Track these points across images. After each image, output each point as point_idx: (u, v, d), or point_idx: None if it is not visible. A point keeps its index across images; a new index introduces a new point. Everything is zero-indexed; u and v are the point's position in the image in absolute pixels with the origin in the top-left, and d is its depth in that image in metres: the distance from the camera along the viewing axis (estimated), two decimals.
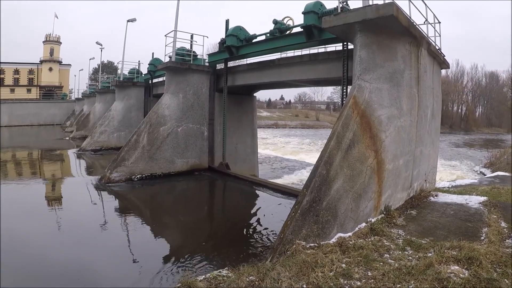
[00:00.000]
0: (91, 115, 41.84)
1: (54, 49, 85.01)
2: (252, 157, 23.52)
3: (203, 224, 12.45)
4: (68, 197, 15.36)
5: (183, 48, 20.54)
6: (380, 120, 9.49)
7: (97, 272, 7.92)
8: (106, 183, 16.46)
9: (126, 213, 13.12)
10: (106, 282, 7.31)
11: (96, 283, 7.23)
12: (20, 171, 21.52)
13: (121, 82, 32.47)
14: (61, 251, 9.01)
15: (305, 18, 13.51)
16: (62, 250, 9.05)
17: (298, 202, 7.82)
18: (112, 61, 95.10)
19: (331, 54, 14.90)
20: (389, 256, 6.87)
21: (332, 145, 8.37)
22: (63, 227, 11.05)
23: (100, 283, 7.26)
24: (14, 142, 39.98)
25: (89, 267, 8.15)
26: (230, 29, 17.71)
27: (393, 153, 9.85)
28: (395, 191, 10.27)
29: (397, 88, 10.08)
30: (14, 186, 16.63)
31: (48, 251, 9.00)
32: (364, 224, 8.70)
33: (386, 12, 8.71)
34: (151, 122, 18.19)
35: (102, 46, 46.78)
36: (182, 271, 7.71)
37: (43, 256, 8.61)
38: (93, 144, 29.46)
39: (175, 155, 18.77)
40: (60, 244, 9.49)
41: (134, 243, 9.98)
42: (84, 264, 8.29)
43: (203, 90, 20.14)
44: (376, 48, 9.84)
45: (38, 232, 10.27)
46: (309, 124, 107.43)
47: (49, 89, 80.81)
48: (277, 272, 6.10)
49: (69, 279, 7.44)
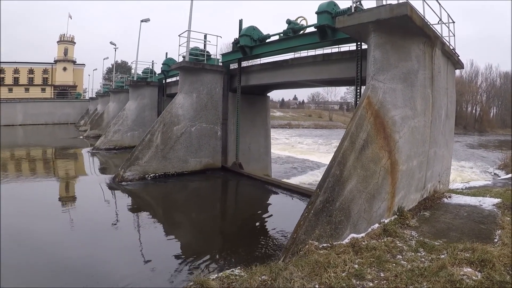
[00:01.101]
0: (105, 114, 42.07)
1: (68, 49, 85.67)
2: (265, 157, 23.51)
3: (216, 223, 12.51)
4: (82, 195, 15.53)
5: (197, 48, 20.61)
6: (394, 120, 9.46)
7: (109, 270, 8.00)
8: (119, 181, 16.58)
9: (139, 211, 13.25)
10: (118, 280, 7.35)
11: (108, 281, 7.30)
12: (34, 169, 21.71)
13: (135, 81, 32.66)
14: (74, 249, 9.09)
15: (318, 18, 13.49)
16: (74, 248, 9.13)
17: (311, 202, 7.81)
18: (126, 61, 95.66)
19: (345, 54, 14.87)
20: (402, 257, 6.86)
21: (346, 146, 8.36)
22: (76, 225, 11.21)
23: (112, 281, 7.32)
24: (29, 140, 40.36)
25: (101, 265, 8.26)
26: (243, 29, 17.73)
27: (407, 154, 9.82)
28: (408, 192, 10.22)
29: (411, 88, 10.03)
30: (28, 184, 16.84)
31: (61, 249, 9.08)
32: (377, 225, 8.68)
33: (400, 12, 8.69)
34: (165, 121, 18.26)
35: (116, 46, 47.00)
36: (195, 270, 7.75)
37: (56, 254, 8.72)
38: (107, 143, 29.64)
39: (189, 155, 18.84)
40: (72, 242, 9.58)
41: (147, 241, 10.06)
42: (96, 262, 8.40)
43: (217, 89, 20.19)
44: (390, 48, 9.81)
45: (51, 230, 10.38)
46: (322, 124, 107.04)
47: (63, 89, 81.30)
48: (289, 272, 6.11)
49: (81, 276, 7.52)
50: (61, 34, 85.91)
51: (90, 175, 19.96)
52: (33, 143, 37.01)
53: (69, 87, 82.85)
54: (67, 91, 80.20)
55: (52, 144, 35.33)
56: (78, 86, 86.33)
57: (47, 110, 66.75)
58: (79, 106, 70.83)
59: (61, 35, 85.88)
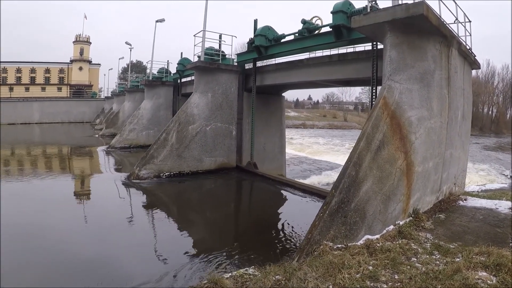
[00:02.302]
0: (120, 113, 42.39)
1: (84, 49, 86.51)
2: (280, 156, 23.50)
3: (230, 222, 12.59)
4: (97, 192, 15.74)
5: (212, 48, 20.69)
6: (410, 121, 9.40)
7: (123, 266, 8.10)
8: (134, 179, 16.76)
9: (154, 209, 13.32)
10: (132, 276, 7.44)
11: (122, 278, 7.37)
12: (50, 166, 21.93)
13: (150, 81, 32.88)
14: (89, 245, 9.23)
15: (333, 18, 13.45)
16: (89, 244, 9.27)
17: (326, 202, 7.80)
18: (141, 61, 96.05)
19: (360, 54, 14.81)
20: (416, 260, 6.80)
21: (362, 146, 8.33)
22: (91, 222, 11.38)
23: (125, 277, 7.40)
24: (45, 138, 40.85)
25: (115, 261, 8.38)
26: (258, 29, 17.74)
27: (422, 155, 9.74)
28: (424, 194, 10.13)
29: (428, 89, 9.95)
30: (44, 182, 17.03)
31: (75, 245, 9.20)
32: (392, 226, 8.63)
33: (416, 11, 8.64)
34: (180, 120, 18.36)
35: (131, 46, 47.21)
36: (208, 268, 7.80)
37: (71, 250, 8.82)
38: (122, 141, 29.92)
39: (203, 154, 18.93)
40: (87, 238, 9.71)
41: (161, 239, 10.17)
42: (110, 258, 8.53)
43: (232, 89, 20.24)
44: (406, 48, 9.74)
45: (66, 227, 10.53)
46: (336, 125, 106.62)
47: (79, 88, 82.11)
48: (303, 272, 6.11)
49: (96, 272, 7.63)
50: (77, 35, 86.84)
51: (106, 173, 20.15)
52: (49, 141, 37.46)
53: (85, 86, 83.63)
54: (82, 90, 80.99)
55: (68, 142, 35.72)
56: (94, 85, 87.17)
57: (63, 108, 67.74)
58: (94, 105, 71.62)
59: (77, 35, 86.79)
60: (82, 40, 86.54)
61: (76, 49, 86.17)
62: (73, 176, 19.45)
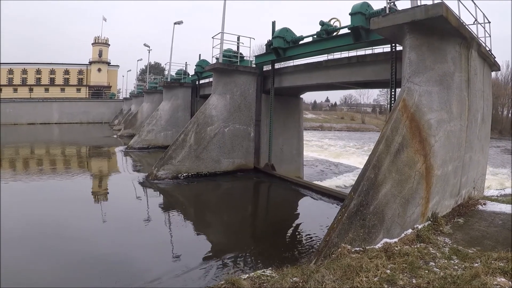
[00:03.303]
0: (139, 114, 42.72)
1: (102, 51, 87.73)
2: (298, 158, 23.43)
3: (247, 223, 12.57)
4: (115, 192, 16.01)
5: (230, 50, 20.78)
6: (429, 124, 9.33)
7: (140, 266, 8.17)
8: (153, 180, 16.90)
9: (171, 209, 13.45)
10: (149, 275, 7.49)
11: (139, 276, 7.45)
12: (68, 166, 22.21)
13: (169, 82, 33.11)
14: (106, 243, 9.42)
15: (352, 19, 13.41)
16: (106, 243, 9.46)
17: (345, 205, 7.78)
18: (159, 62, 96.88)
19: (379, 56, 14.69)
20: (434, 264, 6.74)
21: (381, 149, 8.28)
22: (109, 221, 11.59)
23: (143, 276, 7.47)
24: (64, 138, 41.35)
25: (133, 260, 8.46)
26: (276, 31, 17.74)
27: (442, 159, 9.65)
28: (443, 198, 10.04)
29: (447, 91, 9.86)
30: (62, 181, 17.34)
31: (93, 243, 9.35)
32: (411, 230, 8.56)
33: (436, 12, 8.56)
34: (199, 122, 18.45)
35: (149, 48, 47.57)
36: (225, 269, 7.85)
37: (88, 248, 8.97)
38: (140, 142, 30.20)
39: (221, 155, 19.00)
40: (104, 237, 9.90)
41: (178, 239, 10.28)
42: (128, 256, 8.63)
43: (250, 91, 20.29)
44: (426, 49, 9.66)
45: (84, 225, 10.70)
46: (354, 127, 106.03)
47: (98, 89, 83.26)
48: (321, 274, 6.09)
49: (113, 270, 7.78)
50: (95, 37, 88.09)
51: (124, 173, 20.44)
52: (68, 141, 37.94)
53: (104, 88, 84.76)
54: (101, 91, 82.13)
55: (87, 142, 36.23)
56: (112, 86, 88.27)
57: (82, 109, 68.68)
58: (113, 106, 72.43)
59: (96, 37, 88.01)
60: (101, 42, 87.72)
61: (95, 51, 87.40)
62: (92, 175, 19.68)
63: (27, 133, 45.61)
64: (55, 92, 80.00)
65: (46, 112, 65.02)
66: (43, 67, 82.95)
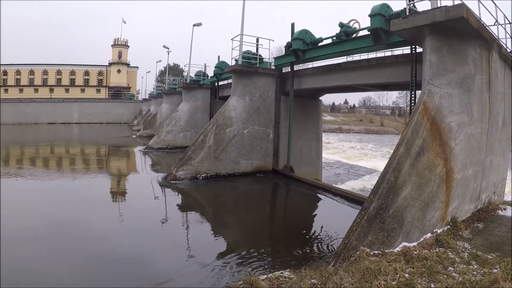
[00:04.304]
0: (158, 115, 43.09)
1: (122, 52, 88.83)
2: (316, 161, 23.35)
3: (265, 225, 12.57)
4: (134, 191, 16.27)
5: (249, 52, 20.83)
6: (450, 127, 9.25)
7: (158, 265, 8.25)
8: (171, 180, 17.05)
9: (190, 209, 13.71)
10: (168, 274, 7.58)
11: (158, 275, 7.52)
12: (88, 165, 22.52)
13: (188, 84, 33.42)
14: (124, 243, 9.53)
15: (371, 21, 13.29)
16: (125, 242, 9.56)
17: (364, 208, 7.77)
18: (178, 64, 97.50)
19: (399, 57, 14.57)
20: (453, 269, 6.70)
21: (401, 152, 8.24)
22: (128, 219, 11.78)
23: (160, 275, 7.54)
24: (84, 138, 41.93)
25: (150, 259, 8.55)
26: (296, 33, 17.69)
27: (462, 162, 9.55)
28: (462, 202, 9.92)
29: (468, 93, 9.75)
30: (82, 180, 17.64)
31: (111, 242, 9.55)
32: (430, 234, 8.48)
33: (456, 14, 8.48)
34: (218, 123, 18.54)
35: (169, 49, 47.86)
36: (243, 269, 7.87)
37: (106, 246, 9.18)
38: (159, 142, 30.49)
39: (240, 156, 19.06)
40: (123, 237, 10.03)
41: (196, 238, 10.38)
42: (145, 256, 8.72)
43: (269, 93, 20.31)
44: (446, 51, 9.57)
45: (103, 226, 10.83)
46: (373, 130, 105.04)
47: (117, 90, 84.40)
48: (339, 277, 6.11)
49: (131, 268, 7.90)
50: (115, 38, 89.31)
51: (144, 173, 20.78)
52: (88, 140, 38.47)
53: (123, 88, 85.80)
54: (121, 92, 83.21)
55: (106, 142, 36.73)
56: (132, 87, 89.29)
57: (101, 109, 69.61)
58: (132, 107, 73.24)
59: (115, 39, 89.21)
60: (120, 44, 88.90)
61: (115, 52, 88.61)
62: (111, 175, 19.90)
63: (47, 133, 46.26)
64: (75, 92, 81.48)
65: (66, 112, 66.10)
66: (63, 68, 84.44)
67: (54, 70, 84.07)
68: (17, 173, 18.30)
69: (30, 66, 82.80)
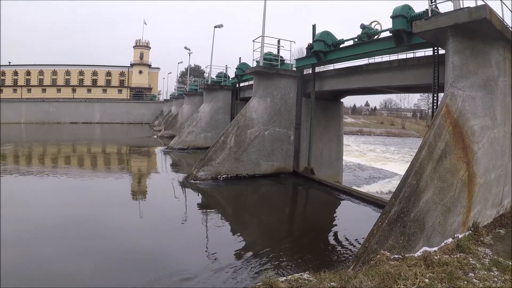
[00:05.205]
0: (179, 116, 43.38)
1: (143, 54, 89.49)
2: (337, 163, 23.24)
3: (284, 226, 12.57)
4: (155, 191, 16.49)
5: (271, 53, 20.87)
6: (473, 130, 9.17)
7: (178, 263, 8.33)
8: (192, 180, 17.20)
9: (209, 209, 13.78)
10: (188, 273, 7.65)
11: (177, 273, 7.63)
12: (109, 164, 22.88)
13: (209, 85, 33.51)
14: (145, 241, 9.66)
15: (393, 23, 13.23)
16: (145, 241, 9.70)
17: (385, 211, 7.75)
18: (199, 65, 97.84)
19: (421, 59, 14.46)
20: (474, 276, 6.65)
21: (424, 155, 8.19)
22: (147, 219, 11.94)
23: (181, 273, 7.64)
24: (106, 137, 42.47)
25: (170, 258, 8.66)
26: (317, 34, 17.68)
27: (485, 166, 9.45)
28: (484, 207, 9.79)
29: (491, 96, 9.66)
30: (103, 179, 17.98)
31: (132, 240, 9.70)
32: (451, 239, 8.40)
33: (479, 15, 8.42)
34: (239, 124, 18.62)
35: (190, 51, 48.10)
36: (262, 270, 7.91)
37: (127, 245, 9.35)
38: (180, 143, 30.75)
39: (261, 158, 19.09)
40: (144, 236, 10.15)
41: (215, 238, 10.47)
42: (166, 255, 8.85)
43: (291, 94, 20.32)
44: (469, 53, 9.49)
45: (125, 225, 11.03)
46: (394, 132, 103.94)
47: (138, 90, 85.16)
48: (359, 280, 6.10)
49: (151, 266, 7.95)
50: (137, 40, 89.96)
51: (165, 173, 21.08)
52: (110, 140, 38.98)
53: (144, 89, 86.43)
54: (142, 93, 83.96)
55: (128, 142, 37.26)
56: (153, 88, 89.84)
57: (123, 110, 70.46)
58: (153, 107, 73.93)
59: (137, 40, 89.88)
60: (142, 45, 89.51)
61: (136, 53, 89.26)
62: (133, 175, 20.19)
63: (69, 132, 46.87)
64: (97, 93, 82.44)
65: (88, 112, 67.13)
66: (86, 68, 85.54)
67: (76, 70, 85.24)
68: (53, 172, 19.04)
69: (53, 66, 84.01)
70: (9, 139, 34.17)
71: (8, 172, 18.02)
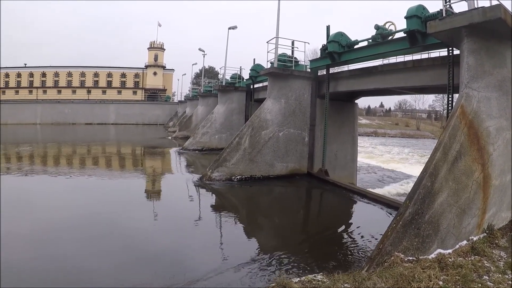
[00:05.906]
0: (194, 117, 43.61)
1: (158, 55, 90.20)
2: (352, 164, 23.06)
3: (298, 228, 12.56)
4: (170, 191, 16.71)
5: (285, 54, 20.85)
6: (488, 131, 9.10)
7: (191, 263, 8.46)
8: (206, 181, 17.29)
9: (224, 210, 13.91)
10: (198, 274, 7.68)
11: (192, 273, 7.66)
12: (124, 165, 23.05)
13: (224, 86, 33.65)
14: (160, 242, 9.76)
15: (408, 23, 13.20)
16: (161, 241, 9.81)
17: (400, 213, 7.72)
18: (213, 66, 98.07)
19: (436, 60, 14.32)
20: (488, 278, 6.62)
21: (438, 157, 8.14)
22: (163, 218, 12.13)
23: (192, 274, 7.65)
24: (121, 138, 42.81)
25: (184, 257, 8.82)
26: (331, 35, 17.66)
27: (500, 168, 9.37)
28: (499, 209, 9.70)
29: (507, 97, 9.59)
30: (118, 179, 18.26)
31: (146, 240, 9.84)
32: (465, 242, 8.33)
33: (494, 15, 8.37)
34: (253, 125, 18.66)
35: (204, 52, 48.31)
36: (276, 271, 7.92)
37: (142, 244, 9.47)
38: (195, 144, 30.97)
39: (275, 159, 19.09)
40: (159, 236, 10.30)
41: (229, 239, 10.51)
42: (179, 254, 9.03)
43: (305, 96, 20.30)
44: (484, 54, 9.43)
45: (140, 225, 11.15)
46: (409, 134, 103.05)
47: (153, 92, 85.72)
48: (373, 282, 6.10)
49: (166, 264, 8.10)
50: (151, 41, 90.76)
51: (179, 173, 21.22)
52: (125, 141, 39.29)
53: (159, 91, 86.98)
54: (157, 94, 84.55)
55: (142, 143, 37.61)
56: (167, 89, 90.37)
57: (137, 111, 71.11)
58: (168, 108, 74.47)
59: (151, 42, 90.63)
60: (156, 47, 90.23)
61: (151, 55, 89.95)
62: (148, 175, 20.34)
63: (84, 133, 47.32)
64: (112, 94, 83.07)
65: (103, 113, 67.88)
66: (100, 70, 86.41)
67: (91, 72, 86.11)
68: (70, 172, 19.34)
69: (68, 68, 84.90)
70: (26, 140, 34.64)
71: (24, 172, 18.41)
